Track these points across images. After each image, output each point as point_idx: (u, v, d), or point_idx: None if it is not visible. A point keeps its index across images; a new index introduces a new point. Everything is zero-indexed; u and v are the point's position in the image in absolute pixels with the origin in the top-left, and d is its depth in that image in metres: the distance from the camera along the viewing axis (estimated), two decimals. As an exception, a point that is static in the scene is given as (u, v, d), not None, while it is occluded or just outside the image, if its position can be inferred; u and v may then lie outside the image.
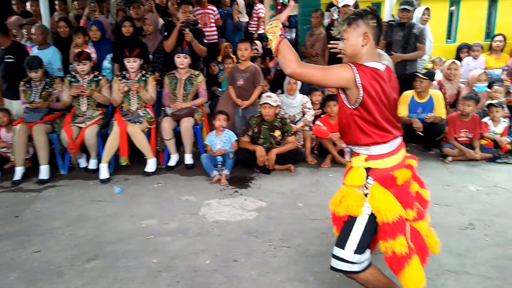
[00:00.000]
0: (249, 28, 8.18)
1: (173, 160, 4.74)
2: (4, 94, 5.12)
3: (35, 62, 4.58)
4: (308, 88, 5.28)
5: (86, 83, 4.63)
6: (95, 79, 4.70)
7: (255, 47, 7.24)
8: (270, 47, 2.10)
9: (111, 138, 4.41)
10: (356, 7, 5.30)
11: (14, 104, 5.04)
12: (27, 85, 4.66)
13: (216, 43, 7.00)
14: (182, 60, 4.72)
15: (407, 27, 5.23)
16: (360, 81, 1.96)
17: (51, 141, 4.57)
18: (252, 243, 3.09)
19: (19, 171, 4.43)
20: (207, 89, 5.34)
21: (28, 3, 6.97)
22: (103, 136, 4.59)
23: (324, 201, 3.65)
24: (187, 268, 2.79)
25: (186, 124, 4.61)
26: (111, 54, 5.30)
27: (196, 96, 4.86)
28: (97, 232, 3.34)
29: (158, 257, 2.94)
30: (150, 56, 5.32)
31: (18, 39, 5.81)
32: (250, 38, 7.65)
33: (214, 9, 6.96)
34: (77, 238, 3.25)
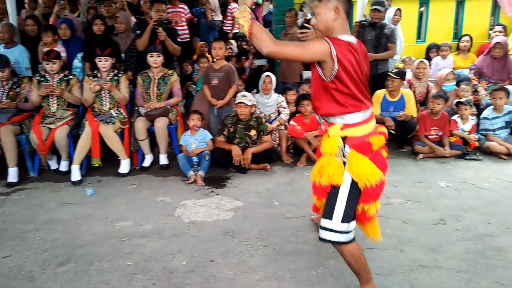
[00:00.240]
0: (224, 27, 8.15)
1: (148, 161, 4.68)
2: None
3: (1, 61, 4.47)
4: (283, 88, 5.31)
5: (56, 83, 4.52)
6: (65, 78, 4.59)
7: (229, 46, 7.21)
8: (243, 32, 2.14)
9: (83, 139, 4.32)
10: None
11: (-20, 105, 4.86)
12: (-7, 85, 4.51)
13: (188, 42, 6.93)
14: (155, 59, 4.66)
15: (378, 27, 5.31)
16: (336, 54, 2.03)
17: (19, 143, 4.43)
18: (229, 243, 3.08)
19: (-15, 174, 4.29)
20: (181, 88, 5.29)
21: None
22: (74, 137, 4.48)
23: (300, 200, 3.73)
24: (162, 270, 2.76)
25: (160, 124, 4.55)
26: (81, 53, 5.19)
27: (170, 96, 4.81)
28: (69, 235, 3.26)
29: (133, 259, 2.89)
30: (122, 55, 5.23)
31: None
32: (225, 37, 7.61)
33: (185, 8, 6.88)
34: (49, 241, 3.16)
